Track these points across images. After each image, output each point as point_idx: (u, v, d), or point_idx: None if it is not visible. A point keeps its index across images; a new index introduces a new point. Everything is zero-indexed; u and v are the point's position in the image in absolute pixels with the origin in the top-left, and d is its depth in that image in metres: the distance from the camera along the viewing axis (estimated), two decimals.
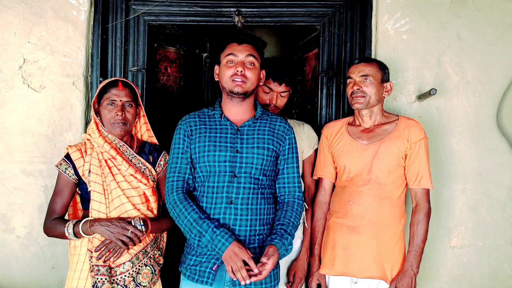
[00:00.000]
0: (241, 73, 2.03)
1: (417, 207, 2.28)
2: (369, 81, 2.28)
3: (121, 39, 2.78)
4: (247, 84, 2.05)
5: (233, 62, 2.05)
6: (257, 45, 2.12)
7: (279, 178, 2.13)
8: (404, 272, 2.24)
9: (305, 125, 2.62)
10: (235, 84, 2.03)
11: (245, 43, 2.08)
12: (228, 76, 2.04)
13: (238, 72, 2.02)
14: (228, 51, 2.07)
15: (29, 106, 2.67)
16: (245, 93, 2.05)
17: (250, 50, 2.07)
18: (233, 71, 2.03)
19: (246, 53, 2.05)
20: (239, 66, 2.03)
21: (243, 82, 2.03)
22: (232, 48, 2.07)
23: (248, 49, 2.07)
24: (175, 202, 2.00)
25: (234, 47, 2.07)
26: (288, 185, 2.12)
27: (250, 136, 2.07)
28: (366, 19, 2.76)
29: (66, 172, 2.11)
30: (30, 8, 2.66)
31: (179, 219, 1.99)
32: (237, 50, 2.06)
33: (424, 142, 2.27)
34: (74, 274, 2.05)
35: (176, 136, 2.11)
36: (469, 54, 2.68)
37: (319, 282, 2.40)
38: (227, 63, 2.06)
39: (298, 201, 2.11)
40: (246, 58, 2.05)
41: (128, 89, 2.17)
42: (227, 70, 2.05)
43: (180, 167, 2.06)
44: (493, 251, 2.70)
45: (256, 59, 2.08)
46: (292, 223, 2.05)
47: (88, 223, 2.01)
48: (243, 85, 2.03)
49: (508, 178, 2.69)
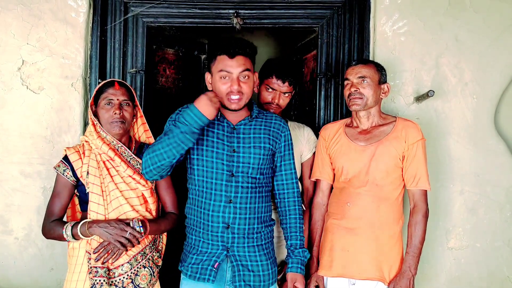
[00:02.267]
0: (237, 91, 1.98)
1: (415, 208, 2.29)
2: (366, 82, 2.29)
3: (119, 41, 2.78)
4: (244, 99, 2.02)
5: (227, 78, 1.98)
6: (248, 54, 2.03)
7: (277, 175, 2.16)
8: (402, 274, 2.24)
9: (305, 127, 2.62)
10: (232, 102, 2.00)
11: (237, 56, 1.98)
12: (223, 92, 1.99)
13: (234, 90, 1.98)
14: (220, 66, 1.98)
15: (27, 107, 2.67)
16: (241, 108, 2.05)
17: (244, 64, 1.99)
18: (229, 88, 1.98)
19: (240, 69, 1.98)
20: (235, 84, 1.97)
21: (240, 99, 2.00)
22: (224, 64, 1.97)
23: (241, 64, 1.98)
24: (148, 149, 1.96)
25: (226, 62, 1.97)
26: (286, 181, 2.16)
27: (246, 135, 2.08)
28: (364, 21, 2.76)
29: (64, 174, 2.11)
30: (29, 10, 2.66)
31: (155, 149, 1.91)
32: (230, 66, 1.97)
33: (421, 143, 2.28)
34: (72, 276, 2.05)
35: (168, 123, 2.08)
36: (467, 55, 2.68)
37: (317, 284, 2.40)
38: (221, 78, 1.99)
39: (298, 199, 2.17)
40: (241, 73, 1.98)
41: (124, 88, 2.18)
42: (222, 86, 1.99)
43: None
44: (491, 252, 2.71)
45: (250, 70, 2.02)
46: (299, 226, 2.16)
47: (86, 224, 2.01)
48: (239, 102, 2.01)
49: (506, 180, 2.69)
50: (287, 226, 2.16)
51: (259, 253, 2.06)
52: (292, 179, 2.17)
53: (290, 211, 2.16)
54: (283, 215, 2.17)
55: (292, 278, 2.11)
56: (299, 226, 2.16)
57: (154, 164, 1.92)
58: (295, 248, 2.13)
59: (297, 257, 2.12)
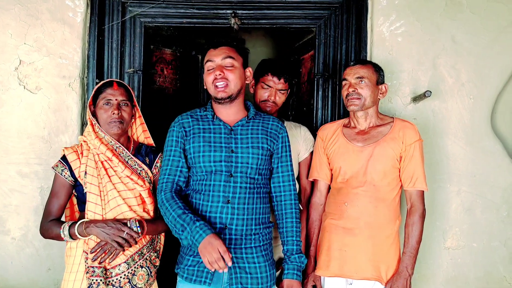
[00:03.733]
0: (220, 77, 2.03)
1: (412, 208, 2.29)
2: (364, 83, 2.29)
3: (117, 41, 2.78)
4: (230, 87, 2.05)
5: (211, 68, 2.07)
6: (233, 45, 2.12)
7: (274, 177, 2.15)
8: (399, 273, 2.24)
9: (301, 127, 2.63)
10: (218, 90, 2.04)
11: (220, 46, 2.08)
12: (210, 82, 2.07)
13: (217, 76, 2.03)
14: (206, 58, 2.10)
15: (25, 107, 2.66)
16: (229, 96, 2.06)
17: (227, 52, 2.07)
18: (213, 76, 2.05)
19: (222, 56, 2.06)
20: (217, 69, 2.04)
21: (226, 86, 2.04)
22: (209, 54, 2.09)
23: (224, 52, 2.07)
24: (162, 201, 2.02)
25: (211, 52, 2.09)
26: (283, 183, 2.14)
27: (244, 136, 2.09)
28: (361, 21, 2.77)
29: (62, 174, 2.11)
30: (27, 10, 2.66)
31: (166, 217, 2.00)
32: (213, 55, 2.07)
33: (419, 144, 2.29)
34: (70, 276, 2.05)
35: (169, 138, 2.12)
36: (464, 56, 2.69)
37: (315, 284, 2.41)
38: (208, 70, 2.08)
39: (294, 202, 2.14)
40: (223, 61, 2.06)
41: (123, 88, 2.18)
42: (208, 77, 2.08)
43: (170, 169, 2.07)
44: (487, 252, 2.71)
45: (235, 59, 2.08)
46: (296, 230, 2.12)
47: (83, 224, 2.01)
48: (226, 89, 2.04)
49: (502, 180, 2.70)
50: (283, 231, 2.13)
51: (257, 254, 2.04)
52: (289, 181, 2.14)
53: (287, 215, 2.12)
54: (279, 219, 2.14)
55: (288, 285, 2.09)
56: (295, 230, 2.12)
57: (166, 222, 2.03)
58: (292, 254, 2.10)
59: (293, 263, 2.09)
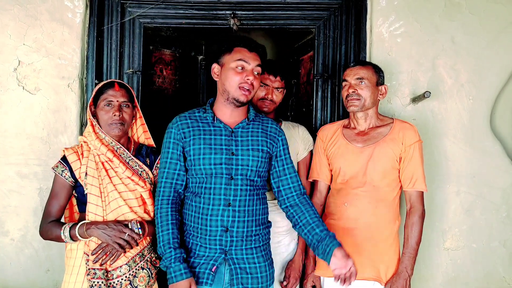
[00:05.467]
0: (250, 82, 2.02)
1: (411, 209, 2.30)
2: (364, 84, 2.29)
3: (116, 42, 2.77)
4: (252, 94, 2.06)
5: (243, 69, 2.03)
6: (262, 55, 2.11)
7: (282, 179, 2.12)
8: (398, 274, 2.25)
9: (299, 127, 2.63)
10: (242, 93, 2.02)
11: (255, 51, 2.06)
12: (236, 82, 2.02)
13: (248, 81, 2.01)
14: (238, 56, 2.03)
15: (24, 108, 2.66)
16: (247, 102, 2.07)
17: (259, 60, 2.07)
18: (243, 79, 2.01)
19: (257, 63, 2.05)
20: (250, 75, 2.02)
21: (250, 92, 2.04)
22: (243, 54, 2.03)
23: (257, 58, 2.06)
24: (157, 212, 2.03)
25: (245, 53, 2.04)
26: (292, 184, 2.12)
27: (244, 138, 2.08)
28: (361, 22, 2.77)
29: (62, 174, 2.10)
30: (26, 10, 2.65)
31: (157, 227, 2.01)
32: (249, 58, 2.03)
33: (418, 145, 2.29)
34: (70, 278, 2.04)
35: (166, 140, 2.09)
36: (463, 57, 2.70)
37: (314, 284, 2.41)
38: (237, 68, 2.02)
39: (307, 197, 2.13)
40: (256, 67, 2.05)
41: (124, 89, 2.17)
42: (235, 76, 2.02)
43: (168, 172, 2.06)
44: (487, 253, 2.72)
45: (261, 68, 2.09)
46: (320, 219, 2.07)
47: (84, 226, 2.00)
48: (249, 95, 2.04)
49: (501, 181, 2.71)
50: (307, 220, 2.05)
51: (257, 255, 2.04)
52: (298, 181, 2.13)
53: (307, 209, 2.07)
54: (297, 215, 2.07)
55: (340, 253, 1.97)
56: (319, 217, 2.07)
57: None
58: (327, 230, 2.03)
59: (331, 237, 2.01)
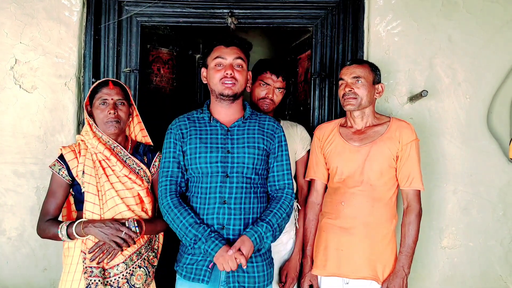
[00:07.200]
0: (230, 76, 2.05)
1: (408, 208, 2.30)
2: (360, 82, 2.30)
3: (113, 40, 2.77)
4: (237, 86, 2.08)
5: (222, 65, 2.08)
6: (243, 47, 2.14)
7: (269, 176, 2.14)
8: (395, 273, 2.25)
9: (298, 126, 2.63)
10: (225, 86, 2.06)
11: (232, 46, 2.10)
12: (217, 79, 2.07)
13: (227, 75, 2.05)
14: (215, 54, 2.09)
15: (21, 107, 2.65)
16: (234, 95, 2.08)
17: (238, 53, 2.09)
18: (222, 74, 2.06)
19: (234, 56, 2.08)
20: (228, 69, 2.05)
21: (233, 84, 2.06)
22: (220, 51, 2.09)
23: (235, 52, 2.09)
24: (170, 206, 2.02)
25: (222, 49, 2.09)
26: (278, 182, 2.13)
27: (240, 136, 2.09)
28: (358, 21, 2.77)
29: (59, 173, 2.10)
30: (22, 9, 2.65)
31: (174, 223, 2.01)
32: (225, 53, 2.08)
33: (415, 144, 2.29)
34: (67, 276, 2.04)
35: (167, 140, 2.13)
36: (460, 56, 2.70)
37: (311, 283, 2.41)
38: (216, 66, 2.08)
39: (286, 196, 2.10)
40: (234, 60, 2.08)
41: (119, 87, 2.17)
42: (216, 73, 2.08)
43: (172, 171, 2.09)
44: (484, 251, 2.72)
45: (244, 61, 2.11)
46: (274, 213, 2.03)
47: (81, 224, 2.00)
48: (233, 87, 2.06)
49: (498, 179, 2.71)
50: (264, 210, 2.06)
51: (254, 254, 2.03)
52: (284, 181, 2.12)
53: (272, 203, 2.07)
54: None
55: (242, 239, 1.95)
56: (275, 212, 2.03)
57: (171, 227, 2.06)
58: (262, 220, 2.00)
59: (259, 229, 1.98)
